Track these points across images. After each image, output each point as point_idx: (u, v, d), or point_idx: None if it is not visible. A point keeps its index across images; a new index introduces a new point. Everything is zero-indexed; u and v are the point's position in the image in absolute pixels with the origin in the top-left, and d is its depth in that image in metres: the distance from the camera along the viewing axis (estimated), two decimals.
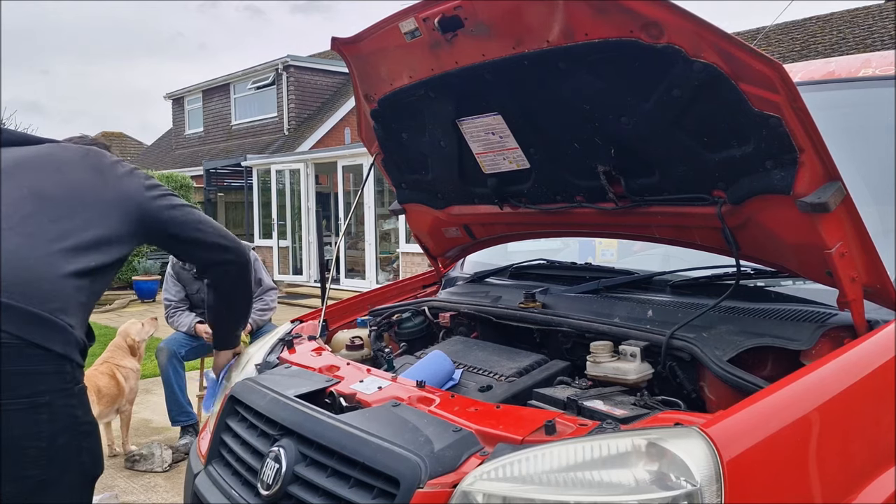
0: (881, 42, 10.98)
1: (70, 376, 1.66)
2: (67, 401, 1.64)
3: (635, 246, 2.75)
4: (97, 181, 1.92)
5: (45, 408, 1.60)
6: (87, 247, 1.78)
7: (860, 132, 2.15)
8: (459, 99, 2.04)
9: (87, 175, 1.92)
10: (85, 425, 1.71)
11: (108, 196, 1.90)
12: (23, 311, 1.60)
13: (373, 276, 12.90)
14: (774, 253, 1.73)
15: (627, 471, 1.18)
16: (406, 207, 2.65)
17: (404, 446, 1.39)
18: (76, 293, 1.73)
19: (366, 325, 2.50)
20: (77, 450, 1.68)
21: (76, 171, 1.92)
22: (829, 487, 1.29)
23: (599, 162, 1.88)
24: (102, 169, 1.96)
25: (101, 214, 1.85)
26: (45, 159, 1.92)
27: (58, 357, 1.63)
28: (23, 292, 1.62)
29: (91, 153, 2.02)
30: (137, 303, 12.82)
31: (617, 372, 1.68)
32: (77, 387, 1.69)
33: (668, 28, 1.49)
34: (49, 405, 1.60)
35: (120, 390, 4.31)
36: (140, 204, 1.95)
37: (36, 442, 1.60)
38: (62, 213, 1.79)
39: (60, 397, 1.63)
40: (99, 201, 1.88)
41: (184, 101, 22.88)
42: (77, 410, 1.68)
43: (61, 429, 1.63)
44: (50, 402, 1.61)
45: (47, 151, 1.97)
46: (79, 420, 1.68)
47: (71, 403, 1.65)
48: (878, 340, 1.48)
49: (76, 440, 1.67)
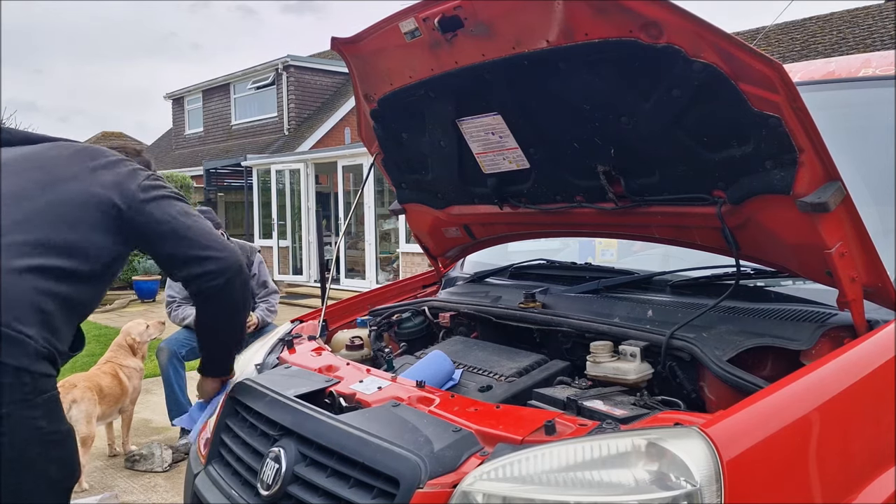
0: (881, 42, 10.98)
1: (30, 387, 1.59)
2: (29, 412, 1.59)
3: (635, 246, 2.75)
4: (80, 181, 1.81)
5: (3, 420, 1.55)
6: (52, 249, 1.69)
7: (860, 132, 2.14)
8: (459, 99, 2.04)
9: (70, 175, 1.82)
10: (51, 435, 1.64)
11: (88, 196, 1.79)
12: None
13: (373, 276, 12.90)
14: (774, 253, 1.73)
15: (627, 471, 1.18)
16: (406, 207, 2.65)
17: (404, 446, 1.39)
18: (39, 299, 1.63)
19: (366, 325, 2.50)
20: (43, 460, 1.63)
21: (59, 170, 1.83)
22: (829, 487, 1.29)
23: (599, 162, 1.88)
24: (91, 168, 1.85)
25: (76, 217, 1.75)
26: (31, 158, 1.85)
27: (14, 370, 1.57)
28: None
29: (84, 151, 1.91)
30: (137, 303, 12.82)
31: (617, 372, 1.68)
32: (40, 397, 1.62)
33: (668, 28, 1.49)
34: (8, 417, 1.55)
35: (123, 390, 4.30)
36: (125, 204, 1.82)
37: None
38: (29, 216, 1.71)
39: (19, 409, 1.57)
40: (76, 202, 1.77)
41: (184, 101, 22.89)
42: (40, 422, 1.61)
43: (22, 440, 1.58)
44: (9, 413, 1.55)
45: (34, 152, 1.89)
46: (42, 430, 1.62)
47: (33, 415, 1.60)
48: (878, 340, 1.48)
49: (43, 450, 1.62)
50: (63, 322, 1.70)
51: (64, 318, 1.70)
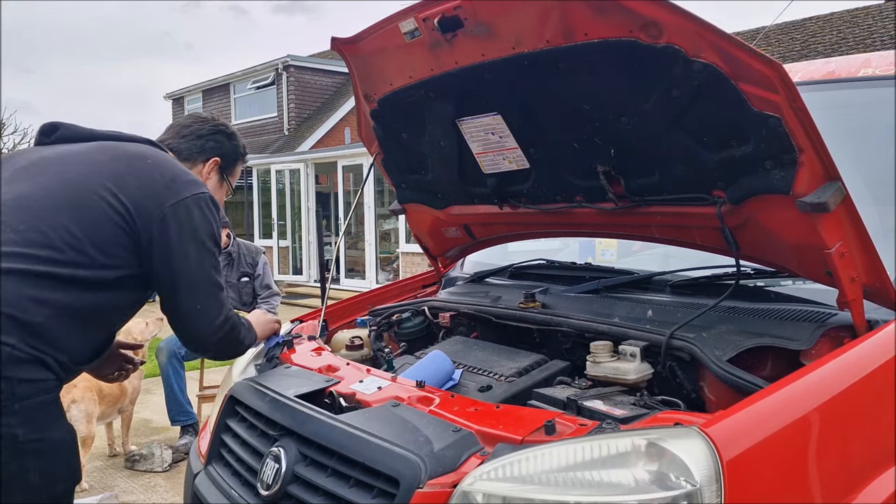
0: (881, 42, 10.98)
1: (5, 395, 1.51)
2: (6, 420, 1.52)
3: (635, 246, 2.75)
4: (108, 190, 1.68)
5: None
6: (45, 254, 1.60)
7: (860, 132, 2.15)
8: (459, 99, 2.04)
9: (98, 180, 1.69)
10: (30, 443, 1.56)
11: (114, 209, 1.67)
12: None
13: (373, 276, 12.90)
14: (774, 253, 1.73)
15: (627, 471, 1.18)
16: (406, 207, 2.65)
17: (404, 446, 1.39)
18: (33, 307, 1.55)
19: (366, 325, 2.50)
20: (19, 469, 1.56)
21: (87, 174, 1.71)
22: (828, 487, 1.29)
23: (599, 162, 1.88)
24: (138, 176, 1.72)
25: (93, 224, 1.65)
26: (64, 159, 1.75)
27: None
28: None
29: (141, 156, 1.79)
30: None
31: (617, 372, 1.68)
32: (18, 404, 1.53)
33: (668, 28, 1.49)
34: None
35: (123, 390, 4.29)
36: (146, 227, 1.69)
37: None
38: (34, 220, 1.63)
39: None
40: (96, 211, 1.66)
41: (184, 101, 22.89)
42: (16, 430, 1.54)
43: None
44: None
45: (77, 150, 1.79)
46: (18, 439, 1.54)
47: (9, 423, 1.53)
48: (877, 340, 1.48)
49: (17, 460, 1.55)
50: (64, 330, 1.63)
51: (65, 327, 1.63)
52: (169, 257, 1.72)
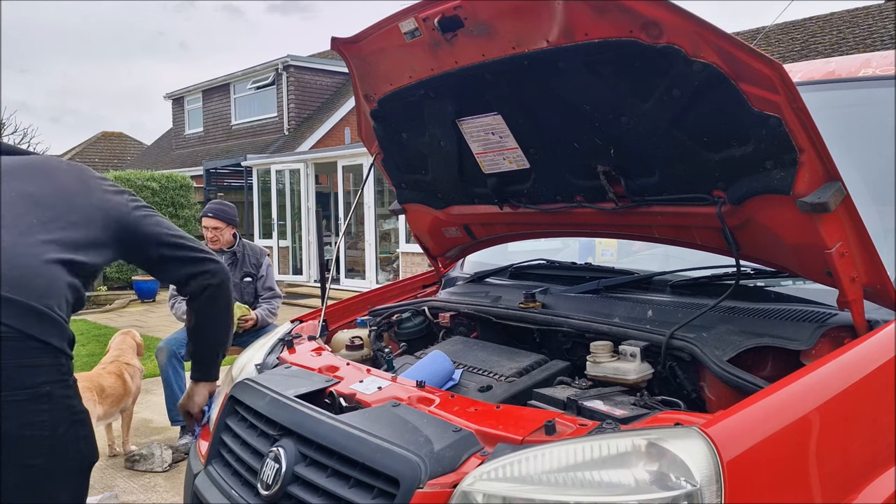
0: (881, 42, 10.98)
1: (66, 368, 1.74)
2: (65, 391, 1.72)
3: (635, 246, 2.75)
4: (82, 189, 1.97)
5: (45, 398, 1.66)
6: (75, 246, 1.84)
7: (860, 132, 2.14)
8: (459, 99, 2.04)
9: (74, 183, 1.98)
10: (80, 414, 1.78)
11: (92, 204, 1.95)
12: (22, 305, 1.66)
13: (373, 276, 12.90)
14: (774, 253, 1.73)
15: (627, 471, 1.18)
16: (406, 207, 2.65)
17: (404, 446, 1.39)
18: (67, 290, 1.78)
19: (366, 325, 2.50)
20: (75, 438, 1.75)
21: (64, 178, 1.98)
22: (829, 487, 1.29)
23: (599, 162, 1.88)
24: (87, 180, 2.02)
25: (86, 218, 1.90)
26: (35, 166, 1.99)
27: (55, 350, 1.70)
28: (21, 287, 1.67)
29: (78, 166, 2.09)
30: (137, 303, 12.81)
31: (617, 372, 1.68)
32: (71, 378, 1.77)
33: (668, 28, 1.49)
34: (49, 396, 1.67)
35: (126, 390, 4.29)
36: (122, 216, 1.99)
37: (38, 431, 1.66)
38: (51, 215, 1.85)
39: (59, 388, 1.70)
40: (84, 207, 1.92)
41: (183, 101, 22.88)
42: (73, 401, 1.75)
43: (60, 418, 1.70)
44: (50, 392, 1.67)
45: (37, 160, 2.05)
46: (75, 409, 1.75)
47: (68, 394, 1.73)
48: (878, 340, 1.48)
49: (74, 429, 1.74)
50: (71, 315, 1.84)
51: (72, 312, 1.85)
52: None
